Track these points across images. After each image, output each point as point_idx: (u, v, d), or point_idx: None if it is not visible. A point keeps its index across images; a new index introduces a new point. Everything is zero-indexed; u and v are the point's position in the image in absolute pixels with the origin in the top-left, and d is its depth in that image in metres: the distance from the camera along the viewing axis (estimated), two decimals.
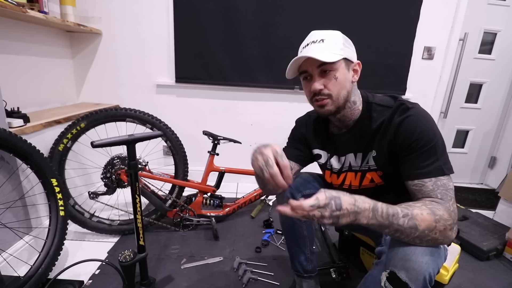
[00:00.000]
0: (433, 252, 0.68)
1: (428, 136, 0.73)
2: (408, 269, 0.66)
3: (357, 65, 0.85)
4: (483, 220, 1.76)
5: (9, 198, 1.17)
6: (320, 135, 0.98)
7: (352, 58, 0.83)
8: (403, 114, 0.77)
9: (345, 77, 0.81)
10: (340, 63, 0.80)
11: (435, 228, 0.65)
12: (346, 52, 0.80)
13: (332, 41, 0.80)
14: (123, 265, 1.04)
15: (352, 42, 0.86)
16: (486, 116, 2.50)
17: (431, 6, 2.07)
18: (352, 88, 0.84)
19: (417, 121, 0.75)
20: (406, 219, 0.65)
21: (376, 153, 0.84)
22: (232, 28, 2.00)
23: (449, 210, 0.68)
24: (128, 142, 0.99)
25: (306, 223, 1.07)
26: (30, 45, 1.65)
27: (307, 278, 1.11)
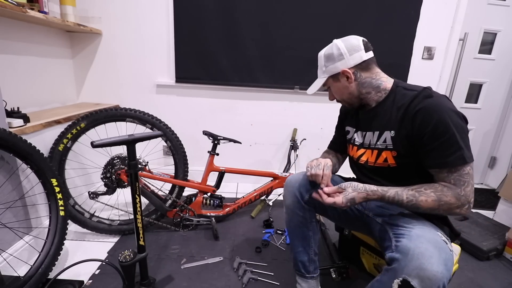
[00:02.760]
0: (447, 261, 0.69)
1: (442, 128, 0.77)
2: (422, 278, 0.66)
3: (342, 73, 0.93)
4: (483, 220, 1.76)
5: (9, 198, 1.17)
6: (351, 113, 1.10)
7: (335, 71, 0.94)
8: (421, 102, 0.82)
9: (337, 88, 0.98)
10: (328, 81, 0.98)
11: (438, 209, 0.79)
12: (327, 72, 0.96)
13: (320, 65, 0.99)
14: (123, 265, 1.04)
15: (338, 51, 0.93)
16: (486, 116, 2.50)
17: (431, 6, 2.07)
18: (354, 88, 0.95)
19: (432, 112, 0.79)
20: (410, 203, 0.81)
21: (394, 134, 0.88)
22: (232, 28, 2.00)
23: (459, 194, 0.78)
24: (128, 142, 0.99)
25: (311, 224, 1.08)
26: (30, 45, 1.65)
27: (309, 279, 1.11)
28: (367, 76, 0.94)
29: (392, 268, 0.73)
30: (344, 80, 0.94)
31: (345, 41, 0.93)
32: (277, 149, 2.33)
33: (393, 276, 0.71)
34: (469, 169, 0.79)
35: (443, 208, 0.78)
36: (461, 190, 0.78)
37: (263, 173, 1.84)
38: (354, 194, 0.86)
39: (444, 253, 0.70)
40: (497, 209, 1.86)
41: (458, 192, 0.78)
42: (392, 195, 0.83)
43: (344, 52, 0.92)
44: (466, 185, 0.78)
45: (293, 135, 2.24)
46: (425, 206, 0.79)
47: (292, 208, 1.08)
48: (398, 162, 0.89)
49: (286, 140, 2.30)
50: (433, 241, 0.72)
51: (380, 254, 1.21)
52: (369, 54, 0.93)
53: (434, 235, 0.75)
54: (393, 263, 0.73)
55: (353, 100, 0.98)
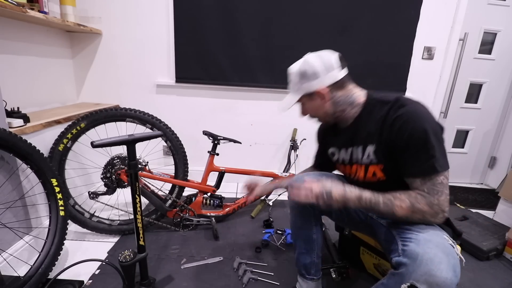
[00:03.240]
0: (455, 266, 0.69)
1: (417, 135, 0.76)
2: (431, 284, 0.66)
3: (318, 92, 0.90)
4: (483, 220, 1.76)
5: (9, 198, 1.17)
6: (331, 133, 1.06)
7: (310, 90, 0.91)
8: (396, 112, 0.81)
9: (312, 106, 0.95)
10: (302, 99, 0.95)
11: (412, 216, 0.79)
12: (301, 91, 0.93)
13: (293, 82, 0.95)
14: (123, 265, 1.04)
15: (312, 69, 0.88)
16: (486, 116, 2.50)
17: (431, 6, 2.07)
18: (328, 106, 0.92)
19: (408, 120, 0.78)
20: (386, 208, 0.80)
21: (376, 147, 0.87)
22: (232, 28, 2.00)
23: (432, 203, 0.77)
24: (128, 142, 0.99)
25: (316, 227, 1.08)
26: (30, 45, 1.65)
27: (309, 280, 1.11)
28: (342, 94, 0.91)
29: (399, 272, 0.72)
30: (319, 99, 0.91)
31: (320, 58, 0.89)
32: (277, 149, 2.33)
33: (400, 280, 0.71)
34: (443, 178, 0.77)
35: (416, 215, 0.78)
36: (434, 199, 0.76)
37: (263, 173, 1.84)
38: (332, 187, 0.84)
39: (453, 259, 0.70)
40: (497, 209, 1.86)
41: (431, 200, 0.76)
42: (369, 197, 0.82)
43: (319, 71, 0.88)
44: (440, 194, 0.77)
45: (293, 135, 2.24)
46: (400, 212, 0.78)
47: (297, 209, 1.08)
48: (387, 175, 0.88)
49: (286, 140, 2.30)
50: (441, 246, 0.71)
51: (380, 254, 1.21)
52: (344, 71, 0.90)
53: (441, 239, 0.75)
54: (400, 268, 0.72)
55: (327, 119, 0.97)
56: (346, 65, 0.91)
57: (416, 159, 0.78)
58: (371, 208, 0.81)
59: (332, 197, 0.83)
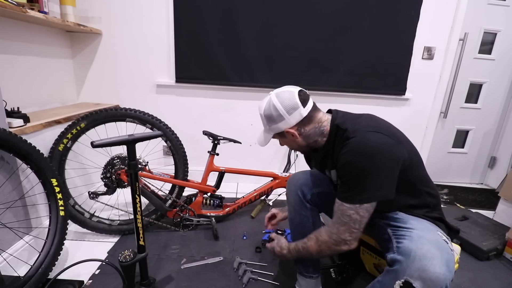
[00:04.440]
0: (449, 261, 0.69)
1: (349, 169, 0.80)
2: (425, 280, 0.66)
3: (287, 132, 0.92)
4: (483, 220, 1.76)
5: (9, 198, 1.17)
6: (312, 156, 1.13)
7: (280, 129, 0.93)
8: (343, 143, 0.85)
9: (285, 141, 0.99)
10: (275, 136, 0.98)
11: (322, 251, 0.88)
12: (272, 131, 0.96)
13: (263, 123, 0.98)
14: (123, 265, 1.04)
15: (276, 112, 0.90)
16: (486, 116, 2.50)
17: (431, 6, 2.07)
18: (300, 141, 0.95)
19: (347, 153, 0.81)
20: (305, 252, 0.92)
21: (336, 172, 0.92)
22: (232, 28, 2.00)
23: (331, 233, 0.84)
24: (128, 142, 0.99)
25: (314, 224, 1.09)
26: (30, 45, 1.65)
27: (307, 278, 1.11)
28: (311, 127, 0.93)
29: (393, 269, 0.73)
30: (290, 136, 0.94)
31: (281, 99, 0.89)
32: (277, 149, 2.33)
33: (394, 277, 0.71)
34: (352, 212, 0.79)
35: (323, 247, 0.86)
36: (334, 227, 0.83)
37: (263, 173, 1.84)
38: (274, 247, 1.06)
39: (446, 254, 0.71)
40: (497, 209, 1.86)
41: (331, 230, 0.84)
42: (293, 246, 0.97)
43: (283, 113, 0.89)
44: (342, 224, 0.81)
45: None
46: (312, 249, 0.89)
47: (295, 206, 1.08)
48: None
49: None
50: (434, 242, 0.72)
51: (380, 254, 1.21)
52: (308, 106, 0.91)
53: (435, 235, 0.76)
54: (395, 265, 0.73)
55: (303, 149, 1.02)
56: (309, 97, 0.94)
57: (342, 186, 0.84)
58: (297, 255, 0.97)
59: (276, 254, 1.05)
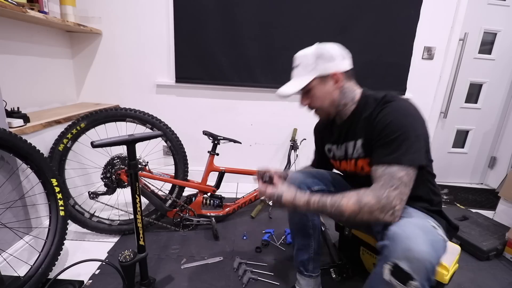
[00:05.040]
0: (434, 242, 0.69)
1: (395, 127, 0.78)
2: (410, 259, 0.66)
3: (334, 75, 0.90)
4: (483, 220, 1.76)
5: (9, 198, 1.17)
6: (327, 129, 1.08)
7: (326, 72, 0.89)
8: (382, 106, 0.83)
9: (322, 92, 0.91)
10: (312, 82, 0.90)
11: (360, 213, 0.76)
12: (317, 71, 0.89)
13: (304, 64, 0.91)
14: (123, 265, 1.04)
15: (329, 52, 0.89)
16: (486, 116, 2.50)
17: (431, 6, 2.07)
18: (337, 95, 0.92)
19: (390, 113, 0.80)
20: (333, 208, 0.79)
21: (363, 141, 0.89)
22: (232, 28, 2.00)
23: (380, 197, 0.74)
24: (128, 142, 0.99)
25: (313, 222, 1.09)
26: (30, 45, 1.65)
27: (307, 277, 1.11)
28: (349, 86, 0.92)
29: (382, 255, 0.74)
30: (331, 84, 0.90)
31: (333, 45, 0.90)
32: (277, 149, 2.33)
33: (384, 262, 0.72)
34: (404, 174, 0.75)
35: (364, 210, 0.75)
36: (384, 191, 0.74)
37: None
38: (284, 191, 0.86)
39: (431, 235, 0.71)
40: (497, 209, 1.86)
41: (380, 193, 0.74)
42: (317, 199, 0.82)
43: (336, 54, 0.89)
44: (393, 188, 0.74)
45: (293, 135, 2.24)
46: (347, 209, 0.77)
47: None
48: None
49: (286, 140, 2.30)
50: (419, 225, 0.73)
51: None
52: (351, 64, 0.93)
53: (422, 221, 0.76)
54: (383, 250, 0.74)
55: (331, 110, 0.95)
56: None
57: (385, 148, 0.79)
58: (321, 210, 0.81)
59: (282, 200, 0.85)
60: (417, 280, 0.66)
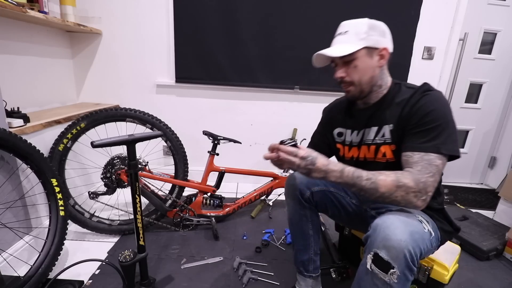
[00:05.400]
0: (413, 233, 0.70)
1: (437, 115, 0.78)
2: (388, 248, 0.68)
3: (383, 50, 0.87)
4: (483, 220, 1.76)
5: (9, 198, 1.17)
6: (343, 113, 1.04)
7: (376, 45, 0.86)
8: (423, 94, 0.82)
9: (366, 65, 0.86)
10: (360, 52, 0.85)
11: (396, 192, 0.73)
12: (368, 41, 0.84)
13: (355, 32, 0.85)
14: (123, 265, 1.04)
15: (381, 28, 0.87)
16: (486, 116, 2.50)
17: (431, 6, 2.07)
18: (377, 73, 0.88)
19: (433, 101, 0.80)
20: (368, 182, 0.75)
21: (393, 127, 0.87)
22: (232, 28, 2.00)
23: (418, 180, 0.73)
24: (128, 142, 0.99)
25: (312, 222, 1.08)
26: (30, 45, 1.65)
27: (307, 277, 1.11)
28: (386, 69, 0.92)
29: (366, 246, 0.75)
30: (376, 60, 0.86)
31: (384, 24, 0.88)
32: None
33: (367, 252, 0.74)
34: (441, 163, 0.75)
35: (400, 191, 0.72)
36: (422, 176, 0.73)
37: (263, 173, 1.84)
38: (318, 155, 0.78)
39: (412, 227, 0.72)
40: (497, 209, 1.86)
41: (419, 177, 0.73)
42: (352, 170, 0.76)
43: (387, 32, 0.88)
44: (431, 175, 0.74)
45: (293, 135, 2.24)
46: (383, 185, 0.73)
47: (293, 205, 1.08)
48: (397, 156, 0.87)
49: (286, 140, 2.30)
50: (402, 218, 0.74)
51: None
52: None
53: (407, 215, 0.77)
54: (367, 241, 0.75)
55: (366, 87, 0.89)
56: None
57: (423, 135, 0.78)
58: (353, 182, 0.75)
59: (315, 163, 0.76)
60: (397, 268, 0.67)
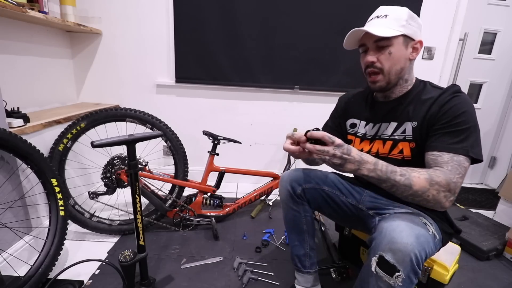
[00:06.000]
0: (419, 236, 0.70)
1: (468, 118, 0.78)
2: (394, 251, 0.67)
3: (418, 43, 0.87)
4: (483, 220, 1.76)
5: (9, 198, 1.17)
6: (360, 104, 1.04)
7: (413, 36, 0.85)
8: (453, 95, 0.82)
9: (400, 53, 0.85)
10: (397, 39, 0.83)
11: (428, 191, 0.72)
12: (407, 29, 0.83)
13: (395, 17, 0.84)
14: (123, 265, 1.04)
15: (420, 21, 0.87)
16: (486, 116, 2.50)
17: (431, 6, 2.07)
18: (407, 66, 0.88)
19: (464, 103, 0.80)
20: (403, 178, 0.73)
21: (416, 124, 0.86)
22: (232, 28, 2.00)
23: (450, 180, 0.73)
24: (128, 142, 0.99)
25: (305, 218, 1.08)
26: (30, 45, 1.65)
27: (305, 273, 1.12)
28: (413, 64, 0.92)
29: (370, 248, 0.75)
30: (410, 51, 0.86)
31: None
32: (277, 149, 2.33)
33: (372, 255, 0.73)
34: (468, 165, 0.77)
35: (433, 190, 0.72)
36: (453, 176, 0.73)
37: (263, 173, 1.84)
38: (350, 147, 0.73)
39: (417, 230, 0.72)
40: (497, 209, 1.86)
41: (450, 177, 0.73)
42: (385, 164, 0.74)
43: (422, 27, 0.87)
44: (460, 176, 0.74)
45: None
46: (417, 183, 0.71)
47: (286, 202, 1.10)
48: (414, 155, 0.87)
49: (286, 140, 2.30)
50: (407, 220, 0.73)
51: None
52: None
53: (411, 216, 0.77)
54: (372, 243, 0.75)
55: (394, 78, 0.87)
56: None
57: (454, 136, 0.78)
58: (387, 176, 0.72)
59: (350, 152, 0.72)
60: (402, 271, 0.67)
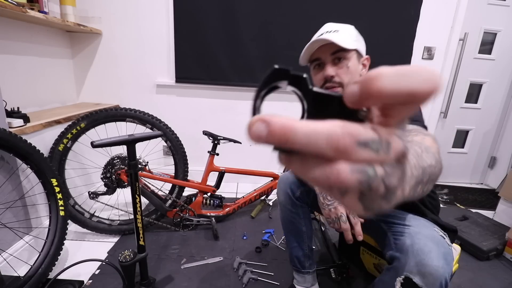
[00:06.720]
0: (446, 255, 0.68)
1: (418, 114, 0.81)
2: (424, 274, 0.65)
3: (366, 60, 0.91)
4: (483, 220, 1.76)
5: (9, 198, 1.17)
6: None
7: (362, 52, 0.89)
8: None
9: (355, 68, 0.86)
10: (353, 53, 0.85)
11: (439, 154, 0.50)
12: (359, 44, 0.86)
13: (346, 33, 0.85)
14: (123, 265, 1.04)
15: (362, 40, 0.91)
16: (486, 116, 2.50)
17: (431, 6, 2.07)
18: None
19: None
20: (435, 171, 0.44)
21: None
22: (232, 28, 2.00)
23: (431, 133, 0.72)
24: (128, 142, 0.99)
25: (304, 220, 1.08)
26: (30, 45, 1.65)
27: (304, 274, 1.12)
28: None
29: (393, 266, 0.72)
30: (361, 67, 0.90)
31: None
32: None
33: (395, 274, 0.71)
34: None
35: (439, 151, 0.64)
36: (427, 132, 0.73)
37: (263, 173, 1.84)
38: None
39: (443, 248, 0.70)
40: (497, 209, 1.86)
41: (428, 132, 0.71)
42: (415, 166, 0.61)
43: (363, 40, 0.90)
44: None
45: None
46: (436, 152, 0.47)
47: (285, 204, 1.09)
48: None
49: None
50: (430, 237, 0.72)
51: (380, 254, 1.21)
52: None
53: (431, 231, 0.76)
54: (394, 262, 0.73)
55: None
56: None
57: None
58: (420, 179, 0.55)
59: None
60: None
